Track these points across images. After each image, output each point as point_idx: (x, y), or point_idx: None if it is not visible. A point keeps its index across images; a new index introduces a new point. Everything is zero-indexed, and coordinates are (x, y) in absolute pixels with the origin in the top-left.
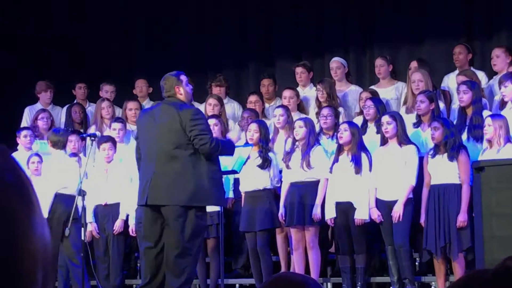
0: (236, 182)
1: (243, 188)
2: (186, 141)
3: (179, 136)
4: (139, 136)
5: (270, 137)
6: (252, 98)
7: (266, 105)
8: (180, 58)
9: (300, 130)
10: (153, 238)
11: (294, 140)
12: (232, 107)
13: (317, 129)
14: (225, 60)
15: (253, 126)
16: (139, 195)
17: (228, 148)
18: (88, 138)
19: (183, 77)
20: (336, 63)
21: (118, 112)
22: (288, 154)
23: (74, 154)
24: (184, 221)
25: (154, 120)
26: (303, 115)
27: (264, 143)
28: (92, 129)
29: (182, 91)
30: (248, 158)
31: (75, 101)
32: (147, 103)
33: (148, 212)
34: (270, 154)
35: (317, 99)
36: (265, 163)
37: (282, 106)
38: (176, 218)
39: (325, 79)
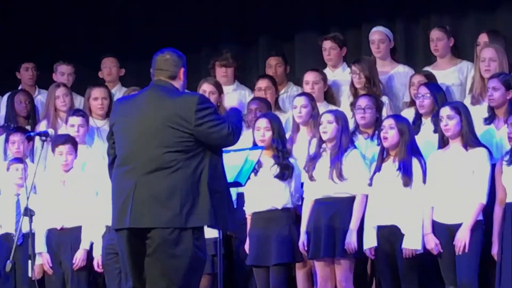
0: (240, 198)
1: (251, 207)
2: (182, 141)
3: (173, 134)
4: (114, 135)
5: (287, 136)
6: (262, 83)
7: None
8: (163, 29)
9: (328, 127)
10: (140, 276)
11: (321, 141)
12: (242, 96)
13: (352, 126)
14: (226, 33)
15: (263, 122)
16: (114, 216)
17: (239, 117)
18: (37, 138)
19: (185, 62)
20: (378, 35)
21: (79, 102)
22: (312, 160)
23: (17, 160)
24: (178, 250)
25: (137, 112)
26: (333, 107)
27: (280, 145)
28: (42, 126)
29: (184, 77)
30: (258, 165)
31: (19, 88)
32: (118, 90)
33: (132, 239)
34: (291, 160)
35: (351, 84)
36: (286, 172)
37: (304, 94)
38: (168, 246)
39: (363, 58)
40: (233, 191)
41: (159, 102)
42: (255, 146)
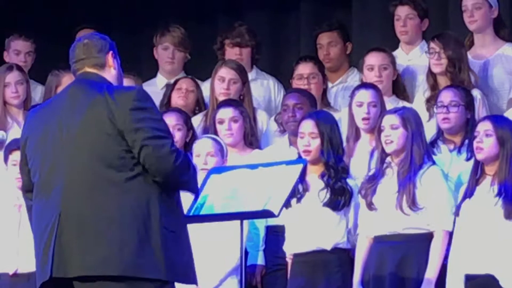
0: (272, 234)
1: (292, 246)
2: (123, 153)
3: (110, 143)
4: (28, 157)
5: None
6: (304, 68)
7: (329, 84)
8: None
9: (393, 135)
10: None
11: (384, 154)
12: (264, 88)
13: (431, 131)
14: None
15: (308, 125)
16: (37, 264)
17: (194, 179)
18: None
19: (114, 44)
20: None
21: (39, 93)
22: (371, 181)
23: None
24: None
25: (55, 119)
26: (405, 104)
27: (332, 159)
28: None
29: (116, 64)
30: (302, 187)
31: None
32: None
33: None
34: (349, 181)
35: (430, 71)
36: (340, 199)
37: (372, 86)
38: None
39: (447, 33)
40: (261, 224)
41: (84, 101)
42: (297, 159)
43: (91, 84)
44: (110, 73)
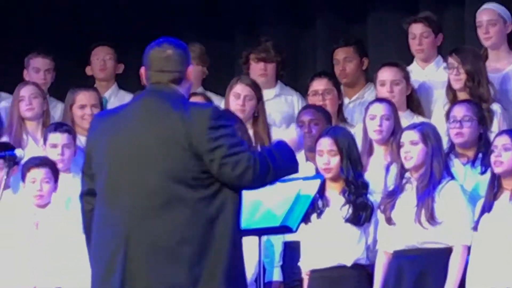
0: (290, 250)
1: (310, 262)
2: (193, 172)
3: (184, 162)
4: (93, 164)
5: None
6: (319, 84)
7: (346, 99)
8: (176, 8)
9: (413, 151)
10: None
11: (403, 170)
12: (288, 103)
13: (446, 144)
14: (268, 12)
15: (326, 143)
16: (96, 278)
17: (286, 160)
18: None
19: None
20: (488, 15)
21: (59, 111)
22: (390, 197)
23: None
24: None
25: (127, 130)
26: (420, 118)
27: (351, 174)
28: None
29: (191, 76)
30: (322, 203)
31: None
32: (113, 95)
33: None
34: (370, 197)
35: (449, 86)
36: (362, 215)
37: (385, 100)
38: None
39: (464, 48)
40: (278, 239)
41: (159, 115)
42: (315, 175)
43: (167, 98)
44: (185, 87)
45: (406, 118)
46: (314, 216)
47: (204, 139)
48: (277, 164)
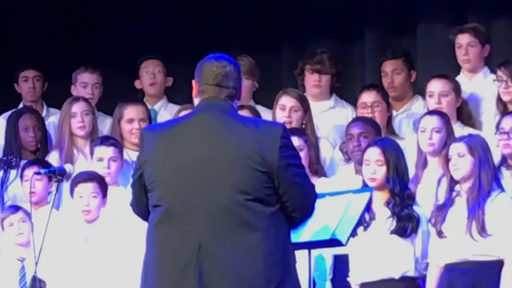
0: (340, 263)
1: (359, 275)
2: (263, 188)
3: (257, 178)
4: (150, 177)
5: (411, 174)
6: (367, 96)
7: (393, 112)
8: (223, 18)
9: (460, 163)
10: None
11: (453, 182)
12: (342, 116)
13: (497, 156)
14: (319, 25)
15: (374, 153)
16: None
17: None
18: (50, 178)
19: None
20: None
21: (107, 125)
22: (441, 209)
23: (12, 209)
24: None
25: (192, 144)
26: (471, 130)
27: (398, 186)
28: (52, 158)
29: (241, 96)
30: (368, 216)
31: (20, 105)
32: (162, 107)
33: None
34: (416, 208)
35: (499, 98)
36: (408, 226)
37: (437, 112)
38: None
39: None
40: (329, 253)
41: (228, 129)
42: (364, 187)
43: (228, 112)
44: (236, 103)
45: (456, 130)
46: (361, 229)
47: (276, 157)
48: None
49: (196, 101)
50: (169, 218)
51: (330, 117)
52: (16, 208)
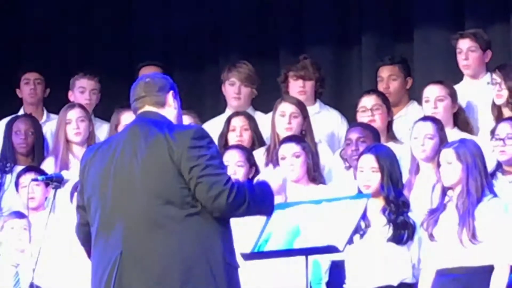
0: (336, 269)
1: (355, 283)
2: (178, 190)
3: (170, 181)
4: (85, 196)
5: (404, 180)
6: (368, 100)
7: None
8: (221, 24)
9: (450, 169)
10: None
11: (444, 188)
12: (328, 121)
13: (491, 162)
14: (312, 29)
15: (369, 160)
16: None
17: (263, 201)
18: (47, 184)
19: (175, 85)
20: None
21: (104, 131)
22: (433, 214)
23: (16, 214)
24: None
25: (114, 157)
26: (466, 135)
27: (392, 193)
28: (48, 164)
29: (176, 104)
30: (364, 223)
31: (21, 111)
32: None
33: None
34: (411, 215)
35: (493, 103)
36: (403, 233)
37: (431, 118)
38: None
39: (508, 64)
40: (326, 260)
41: (145, 140)
42: (359, 194)
43: (152, 123)
44: (170, 112)
45: (453, 136)
46: (357, 237)
47: (185, 157)
48: (253, 200)
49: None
50: (98, 234)
51: (317, 122)
52: (21, 215)
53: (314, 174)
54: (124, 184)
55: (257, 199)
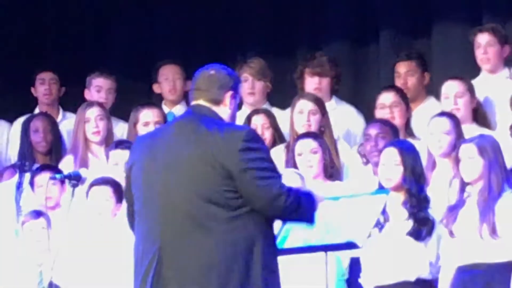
0: (356, 264)
1: (372, 278)
2: (224, 192)
3: (214, 181)
4: (132, 183)
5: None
6: (386, 97)
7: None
8: (240, 23)
9: (472, 164)
10: None
11: (463, 183)
12: (344, 117)
13: (509, 157)
14: (330, 26)
15: (391, 153)
16: None
17: (310, 208)
18: (63, 182)
19: (238, 84)
20: None
21: (122, 130)
22: (452, 210)
23: (35, 214)
24: None
25: (163, 150)
26: (485, 130)
27: (414, 187)
28: (66, 163)
29: (232, 105)
30: (383, 218)
31: (36, 110)
32: (180, 111)
33: None
34: (430, 211)
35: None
36: (423, 229)
37: (447, 114)
38: None
39: None
40: (346, 256)
41: (195, 135)
42: (378, 190)
43: (203, 119)
44: (224, 112)
45: (472, 131)
46: (375, 231)
47: (236, 159)
48: (304, 207)
49: None
50: (139, 223)
51: (334, 118)
52: (38, 214)
53: (331, 170)
54: (167, 179)
55: (306, 206)
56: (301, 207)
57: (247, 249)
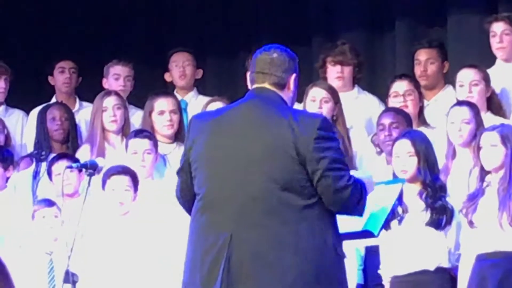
0: (372, 255)
1: (391, 268)
2: (298, 179)
3: (290, 167)
4: (193, 165)
5: (440, 165)
6: (400, 85)
7: (425, 101)
8: (256, 13)
9: (494, 152)
10: None
11: (483, 172)
12: (366, 106)
13: None
14: (345, 16)
15: (404, 145)
16: (193, 282)
17: (364, 203)
18: (80, 171)
19: (297, 65)
20: None
21: (137, 118)
22: (472, 200)
23: (46, 202)
24: None
25: (231, 133)
26: (500, 119)
27: (429, 177)
28: (83, 152)
29: (294, 90)
30: (402, 209)
31: (53, 99)
32: (193, 98)
33: None
34: (449, 199)
35: None
36: (442, 218)
37: (467, 103)
38: None
39: None
40: (362, 245)
41: (266, 120)
42: (394, 179)
43: (272, 103)
44: (287, 95)
45: (487, 120)
46: (394, 223)
47: (311, 148)
48: (364, 200)
49: None
50: (203, 207)
51: (356, 107)
52: (50, 203)
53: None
54: (238, 163)
55: (365, 198)
56: (362, 200)
57: (323, 238)
